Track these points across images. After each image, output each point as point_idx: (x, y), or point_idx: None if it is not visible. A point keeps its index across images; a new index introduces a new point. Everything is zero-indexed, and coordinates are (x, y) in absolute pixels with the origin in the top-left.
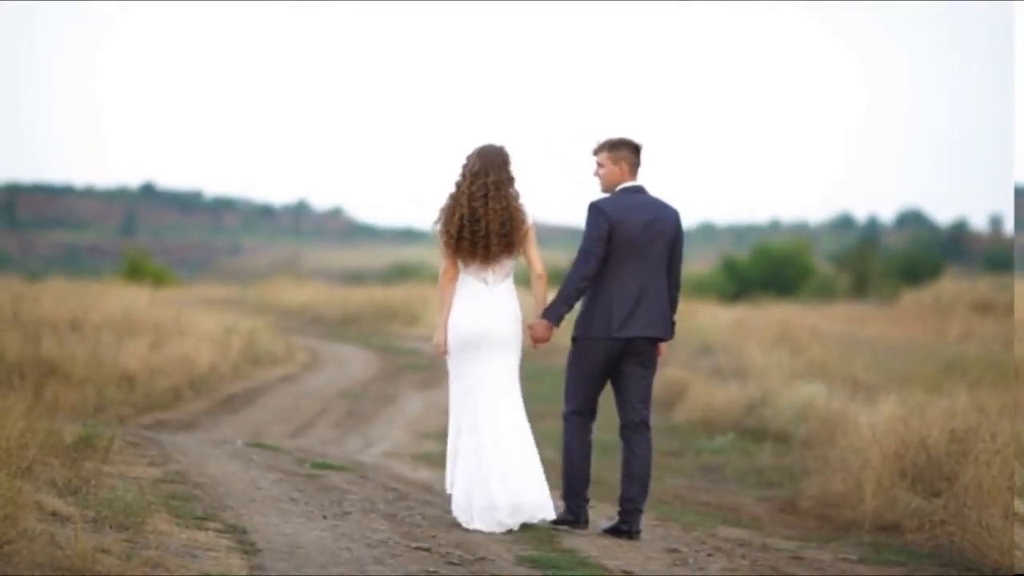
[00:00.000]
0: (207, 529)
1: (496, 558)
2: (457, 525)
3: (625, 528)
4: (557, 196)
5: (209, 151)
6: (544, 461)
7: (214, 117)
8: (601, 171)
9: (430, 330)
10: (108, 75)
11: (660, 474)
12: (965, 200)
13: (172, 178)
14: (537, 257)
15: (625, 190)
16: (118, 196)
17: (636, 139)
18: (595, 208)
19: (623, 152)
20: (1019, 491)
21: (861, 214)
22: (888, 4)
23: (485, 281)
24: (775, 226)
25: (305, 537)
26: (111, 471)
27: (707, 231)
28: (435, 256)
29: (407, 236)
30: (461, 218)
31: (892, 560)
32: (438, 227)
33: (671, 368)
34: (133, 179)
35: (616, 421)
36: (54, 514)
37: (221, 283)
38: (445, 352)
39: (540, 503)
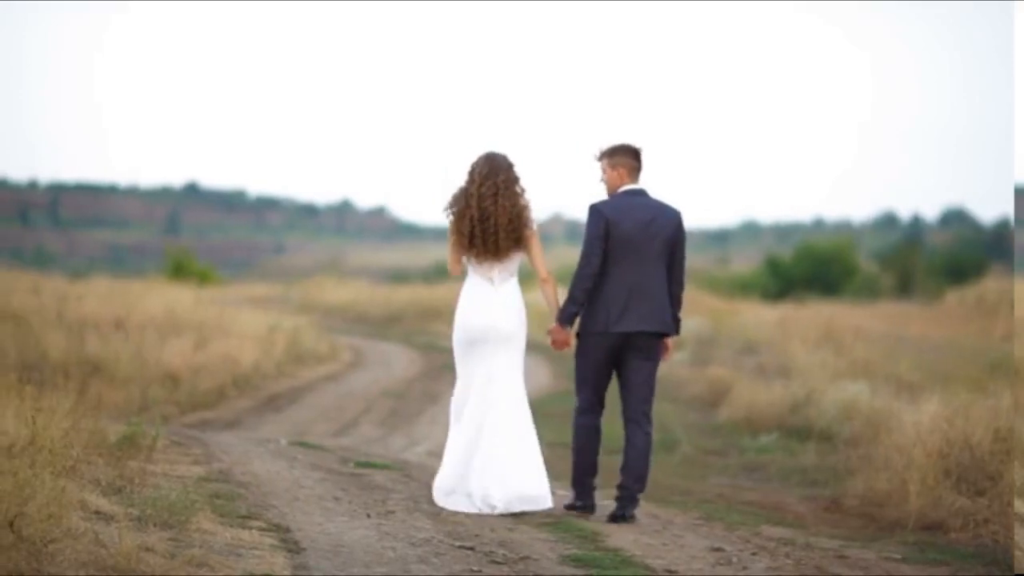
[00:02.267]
0: (251, 528)
1: (540, 557)
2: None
3: (620, 513)
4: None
5: (253, 150)
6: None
7: (258, 116)
8: (604, 177)
9: None
10: (154, 75)
11: (704, 473)
12: (1010, 198)
13: (216, 177)
14: (541, 261)
15: (625, 193)
16: (162, 195)
17: (634, 144)
18: (593, 210)
19: (620, 158)
20: (1019, 491)
21: (905, 213)
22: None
23: (491, 280)
24: (819, 224)
25: (349, 536)
26: (155, 470)
27: (751, 229)
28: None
29: None
30: (471, 219)
31: (936, 559)
32: (449, 220)
33: (715, 367)
34: (177, 178)
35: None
36: (98, 513)
37: (264, 282)
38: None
39: (526, 495)
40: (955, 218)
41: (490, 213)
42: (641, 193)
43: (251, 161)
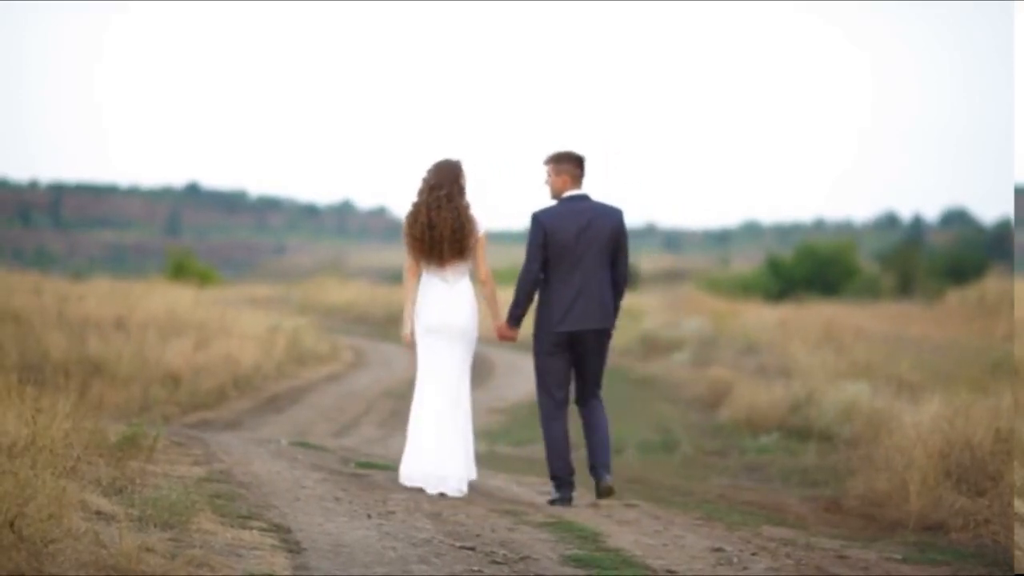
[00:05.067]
0: (251, 528)
1: (540, 557)
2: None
3: (601, 484)
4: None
5: (254, 151)
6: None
7: (259, 117)
8: (548, 180)
9: None
10: (154, 75)
11: (704, 473)
12: (1010, 199)
13: (217, 178)
14: (483, 265)
15: (568, 198)
16: (163, 196)
17: (578, 152)
18: (533, 219)
19: (565, 165)
20: (1019, 491)
21: (906, 213)
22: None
23: (445, 280)
24: (820, 225)
25: (349, 536)
26: (156, 470)
27: (752, 230)
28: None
29: None
30: (422, 225)
31: (937, 560)
32: (405, 224)
33: (715, 367)
34: (178, 179)
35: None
36: (99, 513)
37: (265, 282)
38: (411, 343)
39: (460, 478)
40: (956, 218)
41: (436, 223)
42: (582, 198)
43: (252, 161)
